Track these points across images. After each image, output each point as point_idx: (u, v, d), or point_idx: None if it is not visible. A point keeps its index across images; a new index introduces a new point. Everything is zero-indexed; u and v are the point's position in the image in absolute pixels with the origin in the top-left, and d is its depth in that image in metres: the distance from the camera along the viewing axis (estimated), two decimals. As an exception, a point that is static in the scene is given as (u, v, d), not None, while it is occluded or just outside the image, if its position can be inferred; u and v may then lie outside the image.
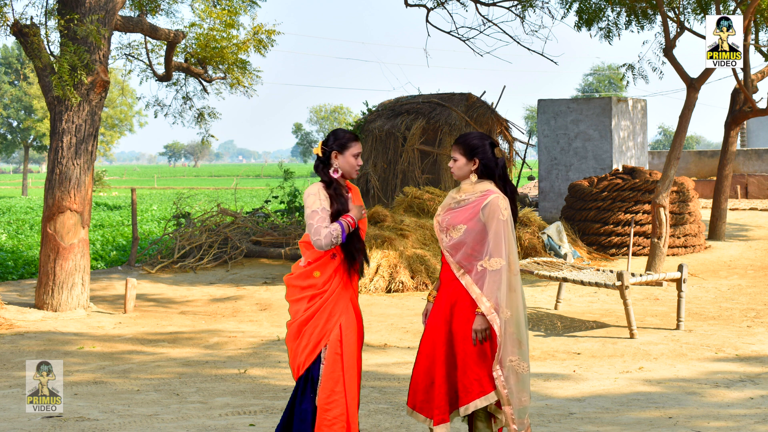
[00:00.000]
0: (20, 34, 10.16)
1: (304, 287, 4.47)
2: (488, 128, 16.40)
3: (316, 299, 4.43)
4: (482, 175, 4.42)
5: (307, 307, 4.44)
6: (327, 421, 4.37)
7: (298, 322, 4.45)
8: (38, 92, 44.34)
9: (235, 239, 14.34)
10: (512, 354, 4.32)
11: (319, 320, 4.42)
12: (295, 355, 4.46)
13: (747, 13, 11.11)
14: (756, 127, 28.68)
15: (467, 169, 4.42)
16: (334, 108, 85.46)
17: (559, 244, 13.18)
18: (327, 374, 4.39)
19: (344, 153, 4.52)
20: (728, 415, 5.82)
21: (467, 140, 4.43)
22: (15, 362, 7.86)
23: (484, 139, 4.45)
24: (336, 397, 4.38)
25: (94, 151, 10.50)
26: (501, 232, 4.27)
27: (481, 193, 4.37)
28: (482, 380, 4.33)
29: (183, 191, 26.52)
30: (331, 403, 4.37)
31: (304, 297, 4.46)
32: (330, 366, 4.40)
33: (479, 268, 4.29)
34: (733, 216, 17.03)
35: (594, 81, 67.94)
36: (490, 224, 4.29)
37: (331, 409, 4.37)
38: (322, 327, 4.42)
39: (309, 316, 4.43)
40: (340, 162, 4.52)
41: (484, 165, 4.41)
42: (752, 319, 9.46)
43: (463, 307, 4.38)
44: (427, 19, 14.84)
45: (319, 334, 4.42)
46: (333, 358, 4.40)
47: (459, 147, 4.44)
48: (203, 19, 12.14)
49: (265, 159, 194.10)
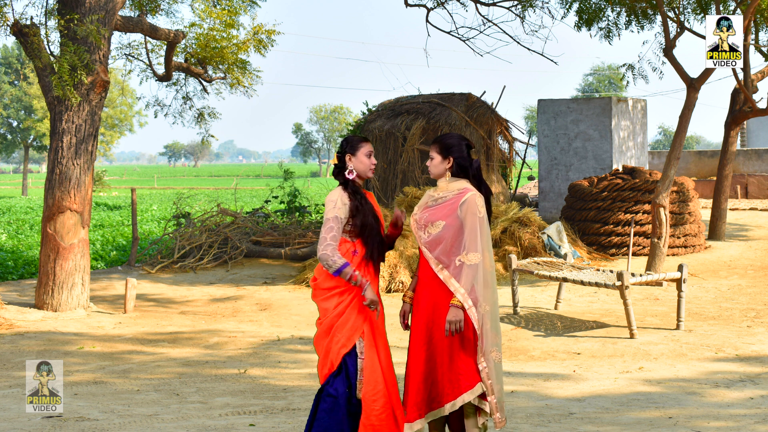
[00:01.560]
0: (20, 34, 10.16)
1: (330, 287, 4.58)
2: (488, 128, 16.40)
3: (345, 295, 4.54)
4: (456, 174, 4.57)
5: (337, 303, 4.55)
6: (375, 412, 4.49)
7: (330, 319, 4.56)
8: (38, 92, 44.35)
9: (235, 239, 14.34)
10: (493, 345, 4.46)
11: (350, 315, 4.55)
12: (328, 352, 4.54)
13: (747, 13, 11.11)
14: (756, 127, 28.67)
15: (442, 168, 4.59)
16: (334, 108, 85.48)
17: (559, 244, 13.18)
18: (368, 367, 4.52)
19: (356, 154, 4.73)
20: (728, 415, 5.82)
21: (443, 140, 4.61)
22: (15, 362, 7.86)
23: (460, 140, 4.62)
24: (380, 388, 4.52)
25: (94, 151, 10.50)
26: (477, 228, 4.41)
27: (458, 190, 4.52)
28: (468, 374, 4.42)
29: (183, 191, 26.51)
30: (376, 394, 4.51)
31: (333, 294, 4.57)
32: (369, 359, 4.54)
33: (457, 262, 4.40)
34: (733, 216, 17.02)
35: (594, 81, 67.94)
36: (467, 220, 4.42)
37: (376, 400, 4.51)
38: (354, 321, 4.54)
39: (340, 312, 4.55)
40: (354, 163, 4.72)
41: (458, 164, 4.56)
42: (752, 319, 9.46)
43: (445, 306, 4.46)
44: (427, 19, 14.85)
45: (352, 329, 4.53)
46: (370, 351, 4.55)
47: (435, 146, 4.62)
48: (203, 19, 12.15)
49: (265, 159, 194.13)
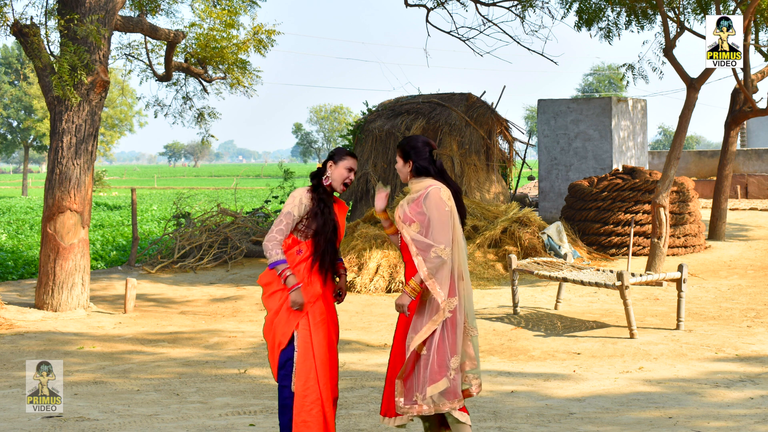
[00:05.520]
0: (20, 34, 10.16)
1: (269, 282, 4.82)
2: (488, 128, 16.40)
3: (285, 292, 4.76)
4: (418, 174, 4.75)
5: (277, 300, 4.78)
6: (306, 406, 4.66)
7: (271, 315, 4.81)
8: (38, 92, 44.36)
9: (235, 239, 14.34)
10: (467, 341, 4.62)
11: (285, 311, 4.76)
12: (272, 347, 4.78)
13: (747, 13, 11.11)
14: (756, 127, 28.66)
15: (405, 171, 4.78)
16: (334, 108, 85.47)
17: (559, 244, 13.18)
18: (300, 362, 4.71)
19: (338, 163, 4.90)
20: (728, 415, 5.82)
21: (403, 145, 4.80)
22: (15, 362, 7.86)
23: (420, 143, 4.77)
24: (311, 384, 4.69)
25: (94, 151, 10.50)
26: (441, 220, 4.56)
27: (424, 188, 4.70)
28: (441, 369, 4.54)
29: (183, 191, 26.51)
30: (308, 389, 4.69)
31: (275, 291, 4.80)
32: (302, 354, 4.72)
33: (432, 254, 4.53)
34: (733, 216, 17.02)
35: (594, 81, 67.97)
36: (432, 214, 4.58)
37: (308, 395, 4.69)
38: (287, 317, 4.74)
39: (278, 307, 4.77)
40: (333, 171, 4.89)
41: (417, 167, 4.74)
42: (752, 319, 9.45)
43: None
44: (427, 19, 14.85)
45: (287, 324, 4.74)
46: (304, 346, 4.73)
47: (398, 150, 4.82)
48: (203, 19, 12.15)
49: (265, 159, 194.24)
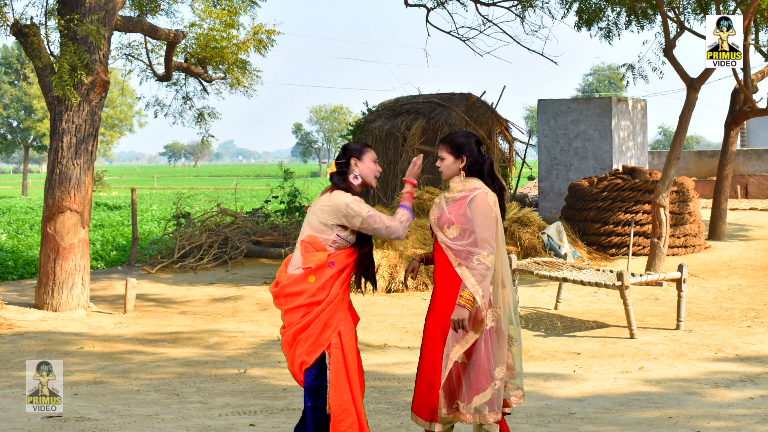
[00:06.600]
0: (20, 34, 10.16)
1: (297, 293, 4.33)
2: (488, 128, 16.39)
3: (313, 308, 4.31)
4: (470, 173, 4.43)
5: (303, 315, 4.33)
6: (341, 429, 4.33)
7: (294, 330, 4.34)
8: (38, 92, 44.34)
9: (235, 239, 14.34)
10: (508, 350, 4.43)
11: (315, 329, 4.32)
12: (292, 362, 4.39)
13: (747, 13, 11.10)
14: (756, 127, 28.66)
15: (455, 168, 4.43)
16: (334, 108, 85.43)
17: (559, 244, 13.18)
18: (334, 384, 4.33)
19: (363, 159, 4.46)
20: (728, 415, 5.82)
21: (454, 138, 4.43)
22: (15, 362, 7.85)
23: (470, 137, 4.46)
24: (347, 406, 4.33)
25: (94, 151, 10.50)
26: (487, 225, 4.27)
27: (468, 190, 4.38)
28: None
29: (183, 191, 26.50)
30: (343, 412, 4.32)
31: (300, 306, 4.33)
32: (336, 375, 4.33)
33: (475, 262, 4.26)
34: (733, 216, 17.02)
35: (594, 81, 67.93)
36: (477, 219, 4.28)
37: (343, 420, 4.33)
38: (318, 336, 4.32)
39: (305, 324, 4.32)
40: (360, 168, 4.45)
41: (471, 162, 4.41)
42: (752, 319, 9.45)
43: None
44: (427, 19, 14.84)
45: (315, 344, 4.32)
46: (337, 367, 4.34)
47: (446, 146, 4.44)
48: (203, 19, 12.14)
49: (265, 159, 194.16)
